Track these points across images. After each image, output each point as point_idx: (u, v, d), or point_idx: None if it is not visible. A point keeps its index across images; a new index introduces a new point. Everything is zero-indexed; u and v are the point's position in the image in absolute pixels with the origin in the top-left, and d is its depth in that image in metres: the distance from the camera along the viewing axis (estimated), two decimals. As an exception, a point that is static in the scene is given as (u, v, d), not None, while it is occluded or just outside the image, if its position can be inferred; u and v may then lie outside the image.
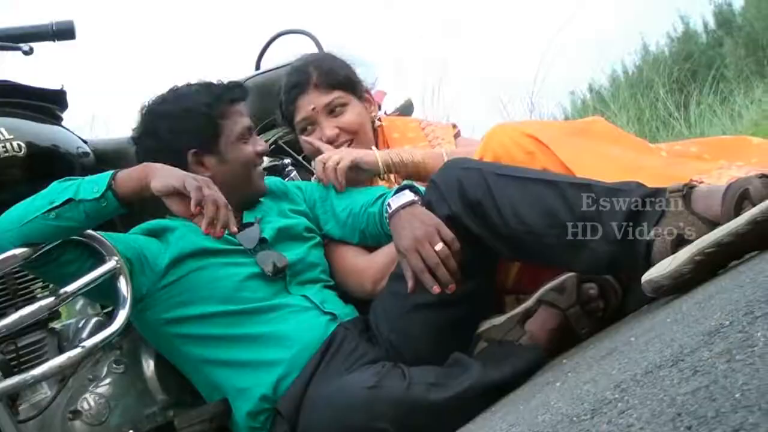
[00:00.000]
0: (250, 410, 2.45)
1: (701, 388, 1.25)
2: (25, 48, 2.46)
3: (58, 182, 2.36)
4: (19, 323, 2.33)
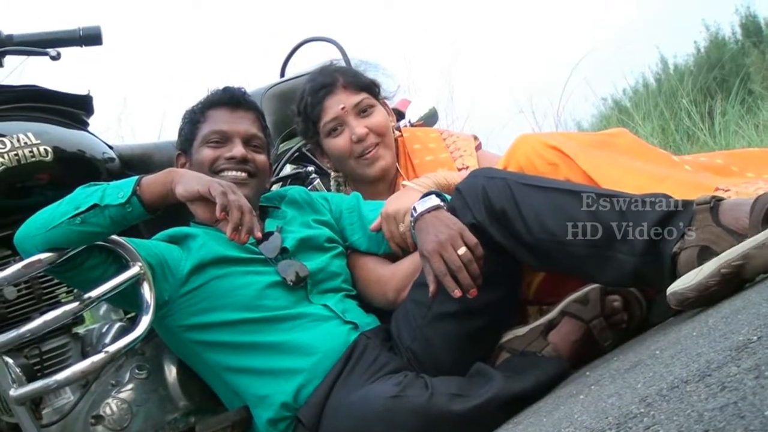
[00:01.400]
0: (270, 418, 2.45)
1: (729, 404, 1.24)
2: (52, 53, 2.48)
3: (84, 187, 2.36)
4: (43, 328, 2.34)
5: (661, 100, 9.36)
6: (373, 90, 2.96)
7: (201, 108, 2.76)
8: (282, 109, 3.16)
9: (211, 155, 2.67)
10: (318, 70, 3.06)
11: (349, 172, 2.94)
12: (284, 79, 3.51)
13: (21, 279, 2.36)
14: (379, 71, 3.10)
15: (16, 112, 2.55)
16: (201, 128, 2.72)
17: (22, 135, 2.47)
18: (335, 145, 2.89)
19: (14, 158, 2.42)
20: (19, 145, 2.44)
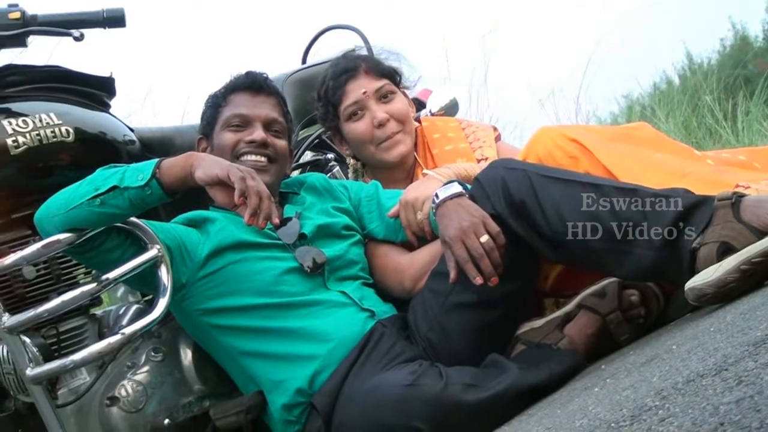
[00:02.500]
0: (285, 403, 2.46)
1: (745, 398, 1.24)
2: (75, 34, 2.48)
3: (104, 169, 2.38)
4: (60, 308, 2.36)
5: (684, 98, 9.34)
6: (394, 78, 2.96)
7: (223, 92, 2.78)
8: (303, 95, 3.17)
9: (232, 139, 2.68)
10: (341, 56, 3.08)
11: (367, 157, 2.94)
12: (306, 65, 3.51)
13: (40, 259, 2.38)
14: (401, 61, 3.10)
15: (39, 92, 2.57)
16: (222, 112, 2.73)
17: (44, 115, 2.48)
18: (356, 130, 2.88)
19: (36, 138, 2.44)
20: (41, 125, 2.46)
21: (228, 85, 2.79)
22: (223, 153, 2.65)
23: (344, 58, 3.04)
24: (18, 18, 2.41)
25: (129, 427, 2.44)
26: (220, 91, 2.80)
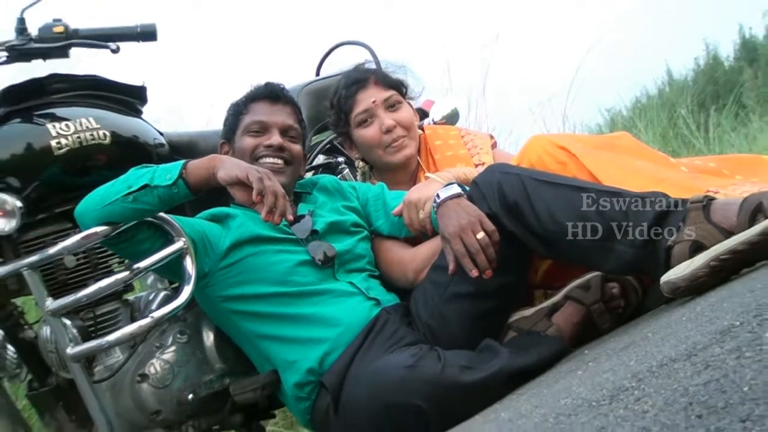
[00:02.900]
0: (297, 381, 2.47)
1: (712, 381, 1.25)
2: (113, 47, 2.49)
3: (136, 169, 2.39)
4: (97, 294, 2.38)
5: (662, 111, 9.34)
6: (400, 89, 2.96)
7: (244, 101, 2.78)
8: (316, 104, 3.17)
9: (252, 143, 2.69)
10: (352, 69, 3.07)
11: (375, 160, 2.93)
12: (319, 77, 3.50)
13: (79, 249, 2.39)
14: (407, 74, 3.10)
15: (79, 98, 2.57)
16: (243, 119, 2.73)
17: (84, 120, 2.49)
18: (365, 135, 2.88)
19: (77, 140, 2.45)
20: (81, 129, 2.47)
21: (249, 95, 2.79)
22: (244, 156, 2.65)
23: (355, 70, 3.04)
24: (62, 32, 2.42)
25: (157, 402, 2.45)
26: (241, 99, 2.80)
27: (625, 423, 1.26)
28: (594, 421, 1.34)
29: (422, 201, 2.55)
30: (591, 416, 1.38)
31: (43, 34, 2.41)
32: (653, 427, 1.18)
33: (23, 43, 2.39)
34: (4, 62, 2.40)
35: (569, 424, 1.40)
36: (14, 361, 2.47)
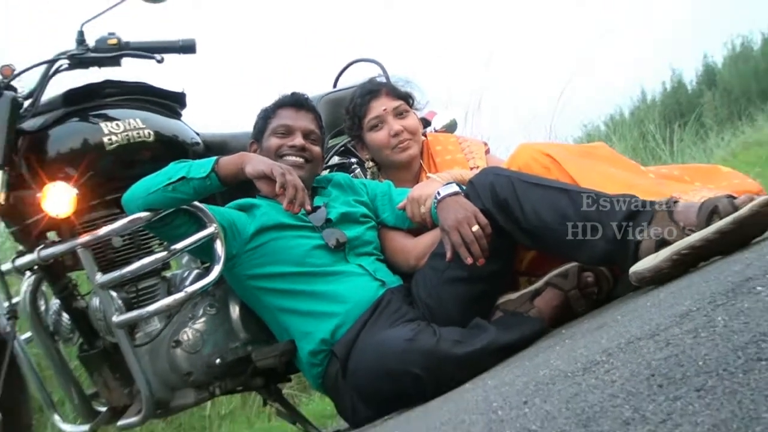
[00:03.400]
0: (311, 350, 2.48)
1: (672, 356, 1.27)
2: (158, 58, 2.50)
3: (175, 163, 2.40)
4: (140, 270, 2.40)
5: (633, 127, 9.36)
6: (408, 100, 2.96)
7: (273, 107, 2.78)
8: (334, 112, 3.17)
9: (277, 143, 2.69)
10: (367, 81, 3.07)
11: (383, 160, 2.93)
12: (336, 89, 3.50)
13: (125, 231, 2.40)
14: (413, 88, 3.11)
15: (129, 102, 2.58)
16: (271, 122, 2.74)
17: (132, 120, 2.50)
18: (376, 138, 2.88)
19: (125, 138, 2.46)
20: (129, 128, 2.48)
21: (277, 102, 2.79)
22: (270, 154, 2.66)
23: (369, 82, 3.05)
24: (115, 44, 2.42)
25: (189, 365, 2.45)
26: (270, 105, 2.80)
27: (596, 390, 1.27)
28: (569, 388, 1.36)
29: (424, 197, 2.56)
30: (566, 384, 1.39)
31: (99, 45, 2.42)
32: (620, 394, 1.19)
33: (82, 53, 2.40)
34: (66, 69, 2.41)
35: (547, 391, 1.41)
36: (68, 327, 2.49)
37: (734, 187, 2.40)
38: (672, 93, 15.39)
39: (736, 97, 13.64)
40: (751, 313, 1.33)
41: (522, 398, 1.44)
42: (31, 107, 2.34)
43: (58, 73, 2.40)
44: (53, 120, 2.42)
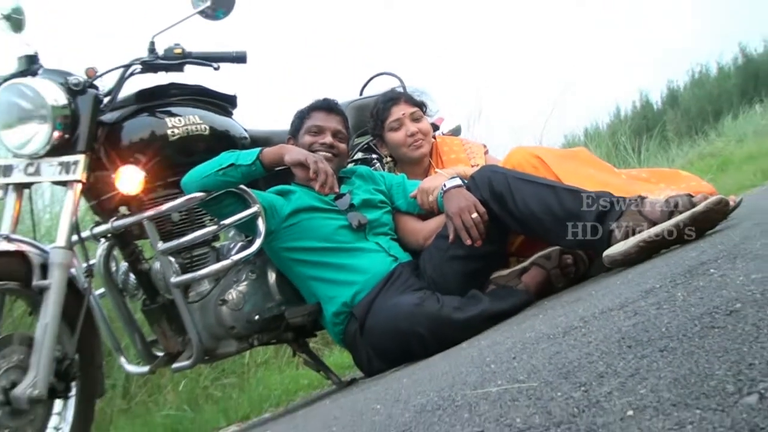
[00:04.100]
0: (334, 311, 2.49)
1: (639, 323, 1.27)
2: (215, 66, 2.49)
3: (226, 153, 2.42)
4: (193, 241, 2.41)
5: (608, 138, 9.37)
6: (422, 107, 2.96)
7: (307, 109, 2.78)
8: (359, 116, 3.16)
9: (310, 140, 2.69)
10: (389, 90, 3.08)
11: (400, 156, 2.93)
12: (361, 97, 3.49)
13: (183, 208, 2.41)
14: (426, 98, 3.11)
15: (189, 101, 2.57)
16: (306, 122, 2.73)
17: (191, 116, 2.50)
18: (395, 137, 2.88)
19: (185, 131, 2.46)
20: (189, 123, 2.48)
21: (311, 105, 2.79)
22: (302, 146, 2.64)
23: (391, 91, 3.05)
24: (180, 53, 2.42)
25: (233, 320, 2.46)
26: (305, 108, 2.79)
27: (574, 349, 1.27)
28: (551, 347, 1.36)
29: (432, 188, 2.56)
30: (548, 344, 1.40)
31: (166, 53, 2.41)
32: (595, 353, 1.19)
33: (152, 60, 2.40)
34: (139, 72, 2.41)
35: (533, 349, 1.42)
36: (134, 285, 2.50)
37: (692, 188, 2.40)
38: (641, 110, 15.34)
39: (694, 116, 13.60)
40: (705, 290, 1.34)
41: (511, 355, 1.45)
42: (109, 103, 2.34)
43: (132, 75, 2.40)
44: (127, 114, 2.42)
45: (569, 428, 0.90)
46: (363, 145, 3.34)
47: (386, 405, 1.47)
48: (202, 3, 2.45)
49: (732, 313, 1.12)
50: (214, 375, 3.71)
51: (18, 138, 2.16)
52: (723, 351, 0.97)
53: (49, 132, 2.14)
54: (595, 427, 0.87)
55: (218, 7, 2.46)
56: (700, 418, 0.79)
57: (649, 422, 0.83)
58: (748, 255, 1.52)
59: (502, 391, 1.18)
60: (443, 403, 1.25)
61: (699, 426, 0.78)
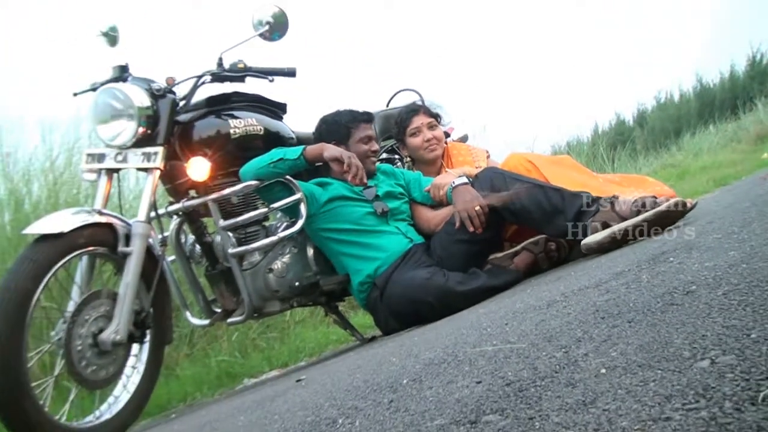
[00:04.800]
0: (360, 281, 2.49)
1: (611, 299, 1.27)
2: (270, 79, 2.49)
3: (276, 149, 2.42)
4: (248, 220, 2.41)
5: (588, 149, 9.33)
6: (437, 118, 2.94)
7: (353, 120, 2.69)
8: (385, 124, 3.15)
9: (365, 149, 2.63)
10: (411, 103, 3.08)
11: (418, 157, 2.92)
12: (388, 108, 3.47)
13: (240, 193, 2.41)
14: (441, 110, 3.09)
15: (248, 107, 2.57)
16: (355, 132, 2.65)
17: (249, 119, 2.49)
18: (414, 142, 2.88)
19: (244, 131, 2.46)
20: (247, 125, 2.47)
21: (356, 117, 2.70)
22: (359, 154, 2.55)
23: (412, 104, 3.04)
24: (242, 67, 2.41)
25: (278, 285, 2.46)
26: (349, 119, 2.69)
27: (556, 318, 1.27)
28: (537, 316, 1.36)
29: (443, 184, 2.55)
30: (535, 314, 1.40)
31: (231, 67, 2.41)
32: (574, 322, 1.19)
33: (220, 72, 2.40)
34: (208, 82, 2.41)
35: (522, 318, 1.42)
36: (199, 254, 2.51)
37: (657, 192, 2.38)
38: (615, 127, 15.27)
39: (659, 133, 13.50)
40: (666, 274, 1.33)
41: (504, 321, 1.45)
42: (184, 106, 2.34)
43: (203, 84, 2.40)
44: (198, 116, 2.42)
45: (552, 382, 0.90)
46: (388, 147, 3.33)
47: (400, 358, 1.47)
48: (261, 27, 2.45)
49: (688, 293, 1.11)
50: (260, 329, 3.72)
51: (110, 132, 2.17)
52: (681, 324, 0.96)
53: (135, 128, 2.16)
54: (573, 382, 0.87)
55: (275, 30, 2.46)
56: (660, 377, 0.79)
57: (618, 379, 0.83)
58: (702, 247, 1.50)
59: (497, 350, 1.18)
60: (447, 357, 1.25)
61: (660, 383, 0.77)
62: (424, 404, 0.99)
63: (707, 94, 14.82)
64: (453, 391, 1.01)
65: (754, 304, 0.94)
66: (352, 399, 1.19)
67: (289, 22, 2.47)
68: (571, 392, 0.83)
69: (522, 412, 0.82)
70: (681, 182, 6.08)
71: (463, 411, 0.89)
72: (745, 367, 0.74)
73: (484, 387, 0.97)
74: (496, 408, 0.87)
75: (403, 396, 1.09)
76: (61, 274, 1.85)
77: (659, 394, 0.74)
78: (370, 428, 0.97)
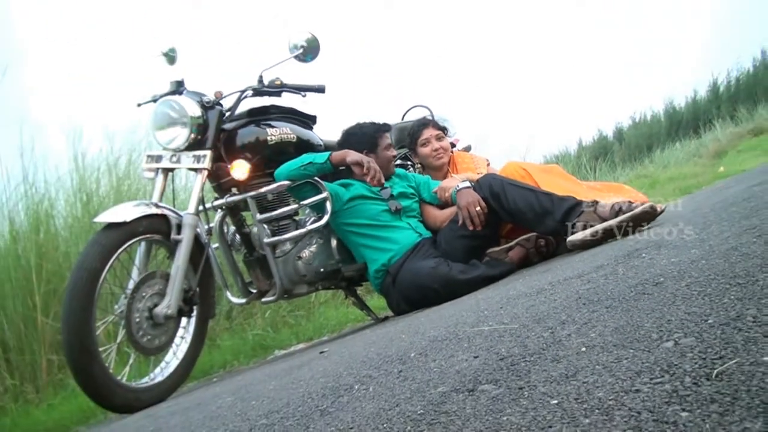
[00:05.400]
0: (375, 269, 2.49)
1: (591, 288, 1.26)
2: (303, 94, 2.50)
3: (307, 154, 2.42)
4: (281, 214, 2.41)
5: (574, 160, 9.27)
6: (445, 131, 2.94)
7: (378, 131, 2.69)
8: (400, 135, 3.14)
9: (390, 155, 2.64)
10: (422, 118, 3.07)
11: (427, 164, 2.91)
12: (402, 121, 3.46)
13: (275, 192, 2.41)
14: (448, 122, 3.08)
15: (283, 117, 2.58)
16: (380, 141, 2.65)
17: (284, 128, 2.50)
18: (423, 151, 2.87)
19: (279, 138, 2.46)
20: (282, 133, 2.48)
21: (379, 128, 2.70)
22: (386, 158, 2.60)
23: (423, 118, 3.03)
24: (279, 84, 2.43)
25: (305, 270, 2.46)
26: (373, 130, 2.68)
27: (544, 304, 1.27)
28: (528, 302, 1.36)
29: (449, 188, 2.54)
30: (526, 300, 1.40)
31: (270, 83, 2.42)
32: (559, 307, 1.19)
33: (259, 88, 2.42)
34: (250, 96, 2.42)
35: (515, 303, 1.41)
36: (239, 243, 2.51)
37: (633, 197, 2.36)
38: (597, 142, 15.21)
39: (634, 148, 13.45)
40: (638, 268, 1.32)
41: (499, 305, 1.45)
42: (229, 116, 2.36)
43: (246, 98, 2.42)
44: (240, 125, 2.42)
45: (539, 357, 0.90)
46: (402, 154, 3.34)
47: (409, 335, 1.48)
48: (296, 50, 2.46)
49: (657, 284, 1.10)
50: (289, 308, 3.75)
51: (167, 137, 2.20)
52: (650, 310, 0.96)
53: (188, 134, 2.18)
54: (558, 358, 0.87)
55: (308, 53, 2.47)
56: (632, 355, 0.79)
57: (596, 356, 0.83)
58: (669, 245, 1.49)
59: (492, 330, 1.18)
60: (449, 335, 1.25)
61: (632, 360, 0.77)
62: (428, 374, 1.00)
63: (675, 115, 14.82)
64: (454, 363, 1.02)
65: (711, 294, 0.94)
66: (367, 369, 1.20)
67: (321, 46, 2.48)
68: (556, 367, 0.84)
69: (513, 383, 0.83)
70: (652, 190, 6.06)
71: (462, 381, 0.90)
72: (702, 347, 0.74)
73: (481, 361, 0.98)
74: (490, 379, 0.87)
75: (410, 367, 1.09)
76: (123, 256, 1.88)
77: (630, 370, 0.74)
78: (381, 394, 0.98)
